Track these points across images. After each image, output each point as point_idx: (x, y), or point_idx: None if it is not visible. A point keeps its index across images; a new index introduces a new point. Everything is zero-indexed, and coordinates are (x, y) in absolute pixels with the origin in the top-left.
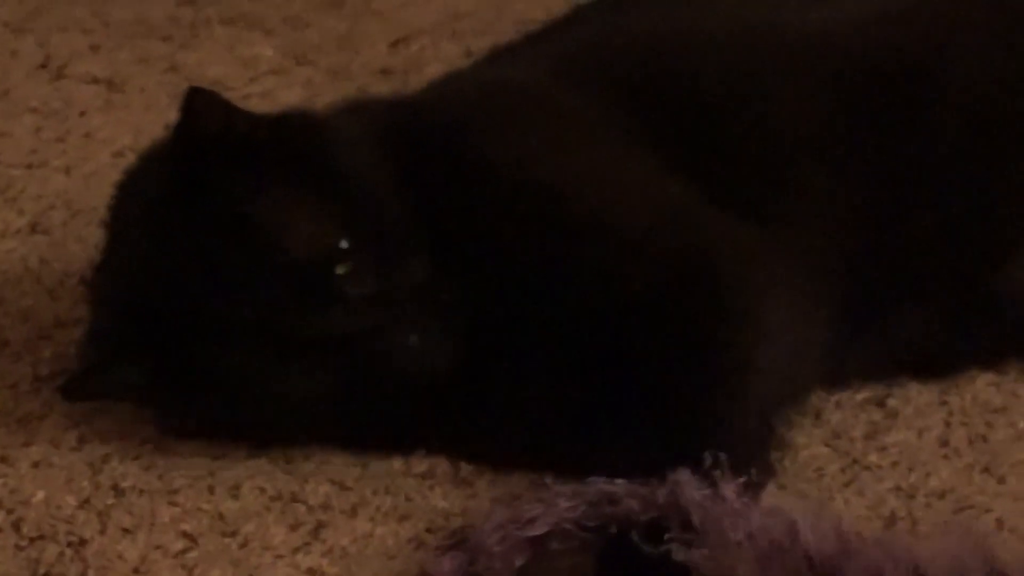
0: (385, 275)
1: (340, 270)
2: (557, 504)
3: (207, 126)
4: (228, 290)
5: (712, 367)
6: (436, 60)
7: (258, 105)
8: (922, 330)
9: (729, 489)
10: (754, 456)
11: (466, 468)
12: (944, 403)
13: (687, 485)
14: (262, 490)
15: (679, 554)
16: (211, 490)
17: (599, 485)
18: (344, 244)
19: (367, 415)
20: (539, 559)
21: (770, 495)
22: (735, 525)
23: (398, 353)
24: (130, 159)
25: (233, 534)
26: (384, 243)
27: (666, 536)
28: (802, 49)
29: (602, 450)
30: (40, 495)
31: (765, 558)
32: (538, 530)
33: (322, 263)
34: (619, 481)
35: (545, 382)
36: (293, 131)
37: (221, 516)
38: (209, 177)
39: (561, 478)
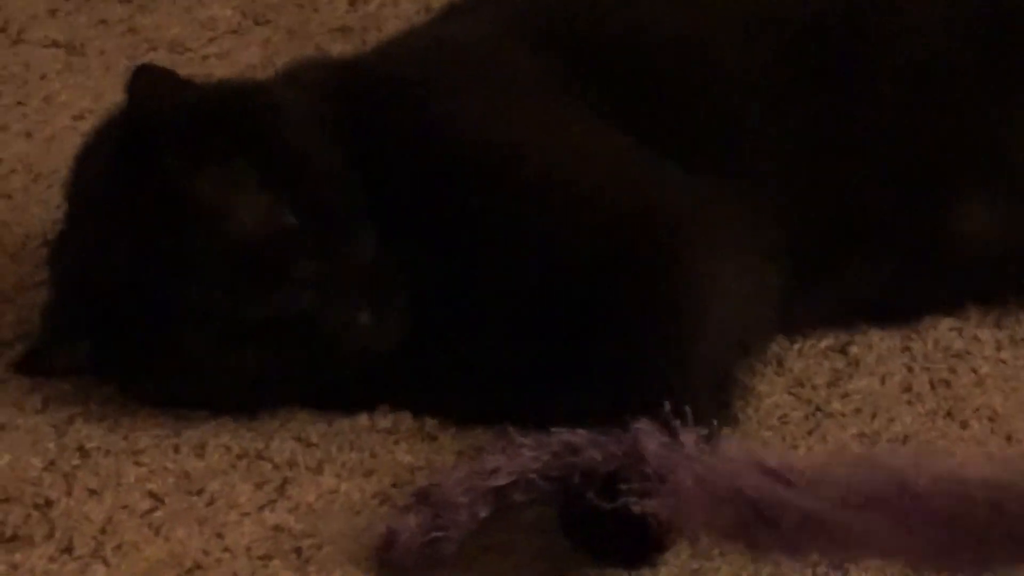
0: (334, 251)
1: (288, 246)
2: (520, 455)
3: (155, 103)
4: (175, 271)
5: (666, 321)
6: (395, 18)
7: (216, 66)
8: (877, 276)
9: (688, 438)
10: (714, 406)
11: (431, 422)
12: (906, 349)
13: (647, 434)
14: (227, 448)
15: (636, 506)
16: (176, 449)
17: (562, 435)
18: (292, 222)
19: (323, 384)
20: (503, 511)
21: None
22: (687, 470)
23: (349, 332)
24: (90, 122)
25: (199, 492)
26: (332, 218)
27: (623, 487)
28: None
29: (563, 402)
30: (5, 458)
31: (715, 504)
32: (501, 480)
33: (269, 241)
34: (581, 431)
35: (503, 337)
36: (241, 104)
37: (187, 475)
38: (157, 155)
39: (524, 430)
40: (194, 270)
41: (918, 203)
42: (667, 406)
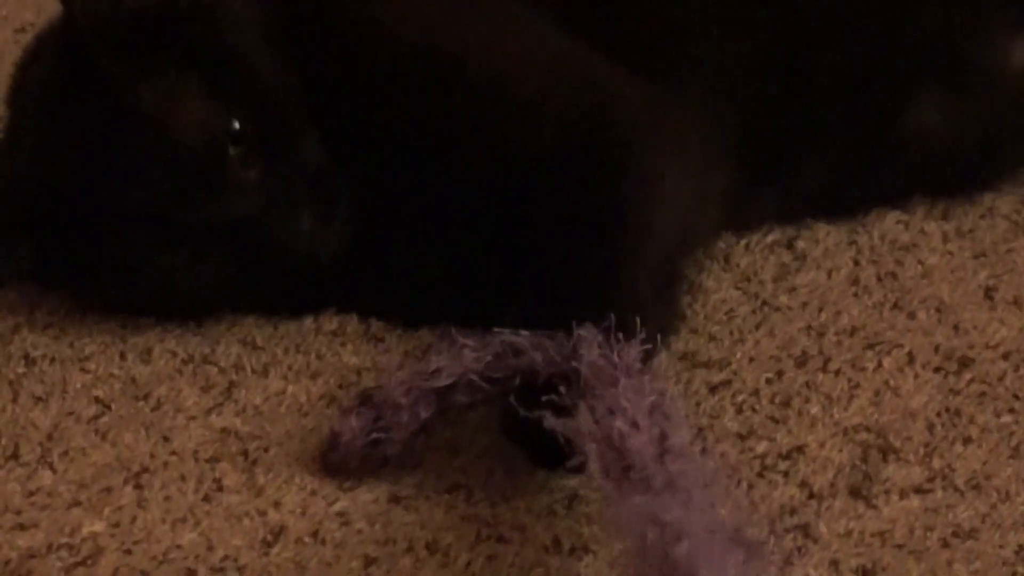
0: (277, 157)
1: (232, 151)
2: (462, 355)
3: (94, 9)
4: (118, 176)
5: (610, 222)
6: None
7: None
8: (827, 173)
9: (627, 353)
10: (661, 306)
11: (377, 324)
12: (853, 242)
13: (587, 343)
14: (173, 353)
15: (548, 422)
16: (122, 355)
17: (504, 337)
18: (235, 126)
19: (267, 289)
20: (446, 412)
21: (682, 339)
22: (612, 398)
23: (292, 237)
24: (32, 36)
25: (145, 398)
26: (276, 124)
27: (543, 399)
28: None
29: (507, 305)
30: None
31: (619, 437)
32: (443, 381)
33: (212, 147)
34: (524, 333)
35: (449, 241)
36: (181, 10)
37: (133, 380)
38: (98, 61)
39: (468, 331)
40: (137, 176)
41: (871, 100)
42: (612, 316)
